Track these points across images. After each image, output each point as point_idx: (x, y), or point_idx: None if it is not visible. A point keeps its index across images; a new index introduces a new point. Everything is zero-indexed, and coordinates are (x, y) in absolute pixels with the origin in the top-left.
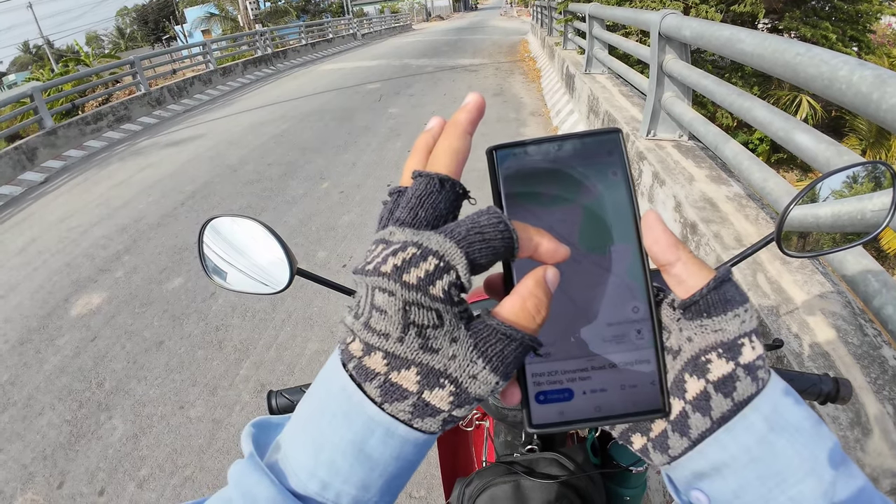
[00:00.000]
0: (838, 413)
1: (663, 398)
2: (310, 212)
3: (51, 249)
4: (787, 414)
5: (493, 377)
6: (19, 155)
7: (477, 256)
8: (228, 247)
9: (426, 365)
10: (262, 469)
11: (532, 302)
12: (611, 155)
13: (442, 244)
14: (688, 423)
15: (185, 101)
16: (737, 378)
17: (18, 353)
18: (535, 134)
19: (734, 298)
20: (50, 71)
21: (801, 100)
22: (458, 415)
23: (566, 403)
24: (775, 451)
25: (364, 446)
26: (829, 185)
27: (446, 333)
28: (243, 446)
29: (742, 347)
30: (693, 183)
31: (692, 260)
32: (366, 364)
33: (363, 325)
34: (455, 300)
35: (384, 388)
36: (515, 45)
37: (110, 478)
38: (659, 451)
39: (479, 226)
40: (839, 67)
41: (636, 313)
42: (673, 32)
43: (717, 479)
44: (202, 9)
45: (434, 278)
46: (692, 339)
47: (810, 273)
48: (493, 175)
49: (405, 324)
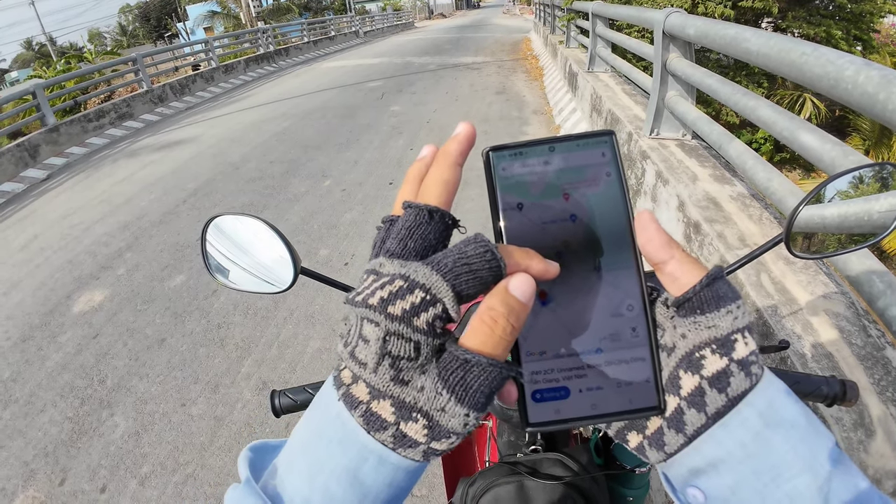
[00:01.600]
0: (842, 414)
1: (659, 395)
2: (312, 209)
3: (53, 246)
4: (783, 410)
5: (460, 409)
6: (22, 152)
7: (464, 288)
8: (231, 245)
9: (397, 398)
10: (258, 494)
11: (490, 318)
12: (604, 156)
13: (429, 277)
14: (683, 419)
15: (188, 99)
16: (731, 373)
17: (20, 350)
18: (537, 133)
19: (727, 295)
20: (54, 68)
21: (805, 99)
22: (437, 448)
23: (563, 401)
24: (771, 447)
25: (358, 473)
26: (835, 187)
27: (419, 366)
28: (240, 471)
29: (735, 343)
30: (696, 182)
31: (685, 258)
32: (352, 392)
33: (349, 354)
34: (437, 332)
35: (366, 418)
36: (518, 43)
37: (112, 475)
38: (655, 448)
39: (465, 256)
40: (845, 67)
41: (630, 311)
42: (677, 31)
43: (713, 476)
44: (204, 6)
45: (419, 310)
46: (686, 335)
47: (814, 274)
48: (489, 176)
49: (381, 354)
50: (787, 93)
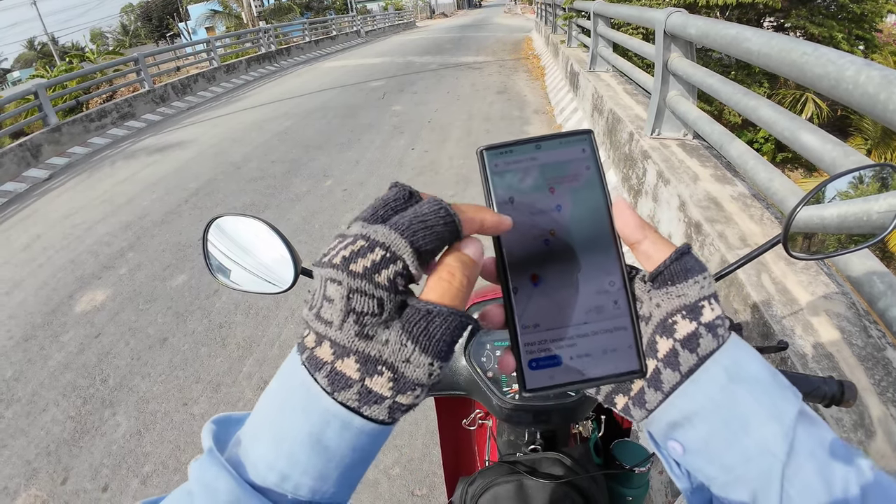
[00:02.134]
0: (842, 415)
1: (640, 359)
2: (313, 209)
3: (55, 246)
4: (747, 366)
5: (424, 358)
6: (24, 152)
7: (422, 244)
8: (233, 246)
9: (362, 352)
10: (222, 463)
11: (454, 277)
12: (584, 152)
13: (387, 235)
14: (660, 378)
15: (189, 99)
16: (700, 335)
17: (23, 350)
18: (538, 132)
19: (693, 268)
20: (58, 70)
21: (807, 98)
22: (403, 401)
23: (556, 368)
24: (736, 399)
25: (321, 437)
26: (835, 187)
27: (383, 321)
28: (203, 442)
29: (703, 309)
30: (698, 182)
31: (657, 238)
32: (316, 354)
33: (315, 315)
34: (399, 289)
35: (331, 377)
36: (519, 42)
37: (114, 474)
38: (638, 406)
39: (420, 215)
40: (846, 67)
41: (612, 287)
42: (678, 31)
43: (688, 428)
44: (206, 6)
45: (380, 267)
46: (660, 304)
47: (815, 274)
48: (483, 172)
49: (346, 311)
50: (789, 92)
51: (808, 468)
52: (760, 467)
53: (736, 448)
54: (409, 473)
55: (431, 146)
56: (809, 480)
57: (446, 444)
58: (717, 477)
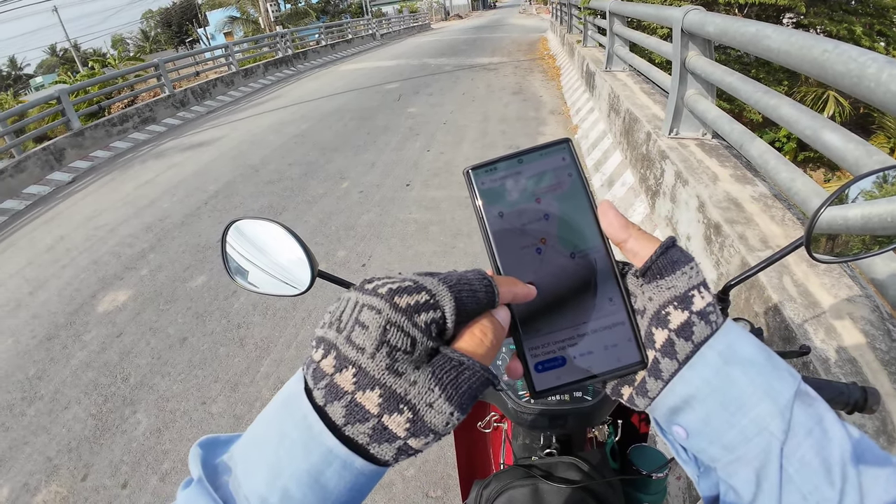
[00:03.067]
0: (864, 421)
1: (641, 351)
2: (329, 211)
3: (78, 247)
4: (741, 349)
5: (447, 406)
6: (47, 155)
7: (464, 303)
8: (251, 248)
9: (389, 387)
10: (212, 496)
11: (485, 337)
12: (564, 160)
13: (436, 286)
14: (659, 367)
15: (208, 103)
16: (693, 323)
17: (46, 349)
18: (555, 133)
19: (680, 259)
20: (82, 77)
21: (829, 96)
22: (413, 445)
23: (561, 369)
24: (731, 380)
25: (320, 477)
26: (859, 187)
27: (413, 361)
28: (192, 469)
29: (693, 298)
30: (717, 182)
31: (642, 234)
32: (336, 382)
33: (346, 338)
34: (433, 334)
35: (349, 408)
36: (535, 42)
37: (133, 471)
38: (641, 395)
39: (467, 278)
40: (867, 65)
41: (606, 285)
42: (696, 28)
43: (688, 412)
44: (224, 12)
45: (421, 309)
46: (652, 298)
47: (838, 276)
48: (472, 191)
49: (380, 341)
50: (811, 90)
51: (805, 446)
52: (759, 446)
53: (735, 428)
54: (424, 475)
55: (447, 148)
56: (807, 458)
57: (461, 447)
58: (720, 458)
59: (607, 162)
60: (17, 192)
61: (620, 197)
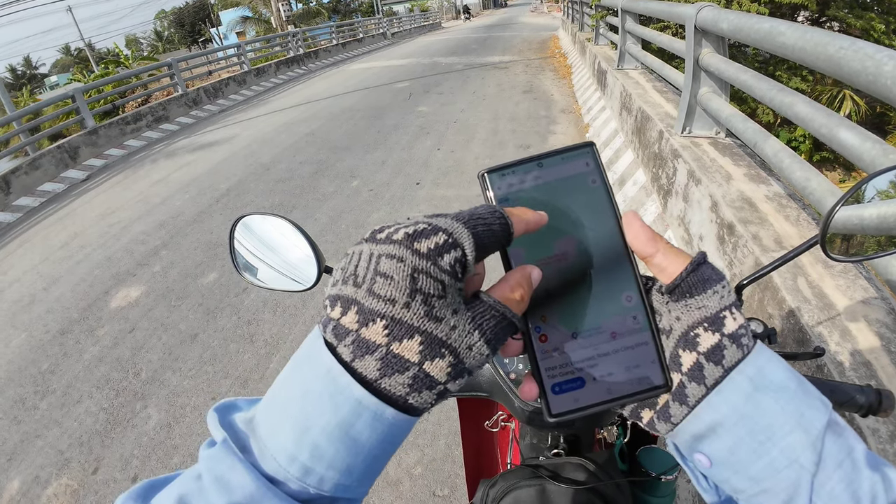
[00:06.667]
0: (878, 425)
1: (665, 374)
2: (340, 209)
3: (92, 244)
4: (771, 375)
5: (486, 349)
6: (62, 153)
7: (481, 237)
8: (258, 244)
9: (430, 333)
10: (237, 454)
11: (518, 289)
12: (588, 166)
13: (451, 224)
14: (685, 392)
15: (221, 102)
16: (724, 347)
17: (59, 343)
18: (565, 132)
19: (711, 277)
20: (96, 76)
21: (844, 95)
22: (451, 388)
23: (580, 391)
24: (761, 408)
25: (350, 430)
26: (874, 186)
27: (449, 304)
28: (213, 431)
29: (725, 319)
30: (730, 182)
31: (670, 249)
32: (364, 336)
33: (367, 291)
34: (458, 276)
35: (385, 360)
36: (546, 41)
37: (143, 465)
38: (663, 420)
39: (479, 213)
40: (884, 62)
41: (630, 302)
42: (709, 26)
43: (713, 440)
44: (236, 12)
45: (443, 251)
46: (680, 318)
47: (853, 278)
48: (486, 195)
49: (412, 290)
50: (826, 89)
51: (835, 479)
52: (788, 479)
53: (763, 459)
54: (431, 473)
55: (457, 146)
56: (837, 492)
57: (468, 446)
58: (745, 489)
59: (619, 161)
60: (31, 189)
61: (632, 196)
